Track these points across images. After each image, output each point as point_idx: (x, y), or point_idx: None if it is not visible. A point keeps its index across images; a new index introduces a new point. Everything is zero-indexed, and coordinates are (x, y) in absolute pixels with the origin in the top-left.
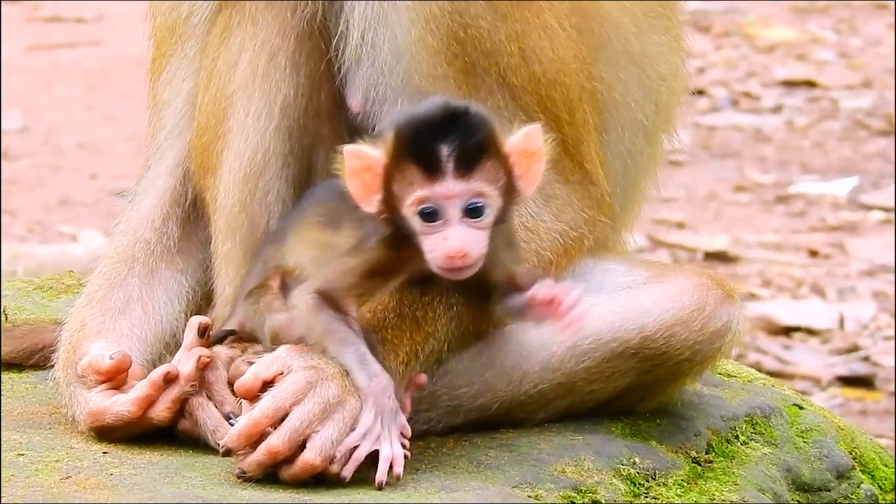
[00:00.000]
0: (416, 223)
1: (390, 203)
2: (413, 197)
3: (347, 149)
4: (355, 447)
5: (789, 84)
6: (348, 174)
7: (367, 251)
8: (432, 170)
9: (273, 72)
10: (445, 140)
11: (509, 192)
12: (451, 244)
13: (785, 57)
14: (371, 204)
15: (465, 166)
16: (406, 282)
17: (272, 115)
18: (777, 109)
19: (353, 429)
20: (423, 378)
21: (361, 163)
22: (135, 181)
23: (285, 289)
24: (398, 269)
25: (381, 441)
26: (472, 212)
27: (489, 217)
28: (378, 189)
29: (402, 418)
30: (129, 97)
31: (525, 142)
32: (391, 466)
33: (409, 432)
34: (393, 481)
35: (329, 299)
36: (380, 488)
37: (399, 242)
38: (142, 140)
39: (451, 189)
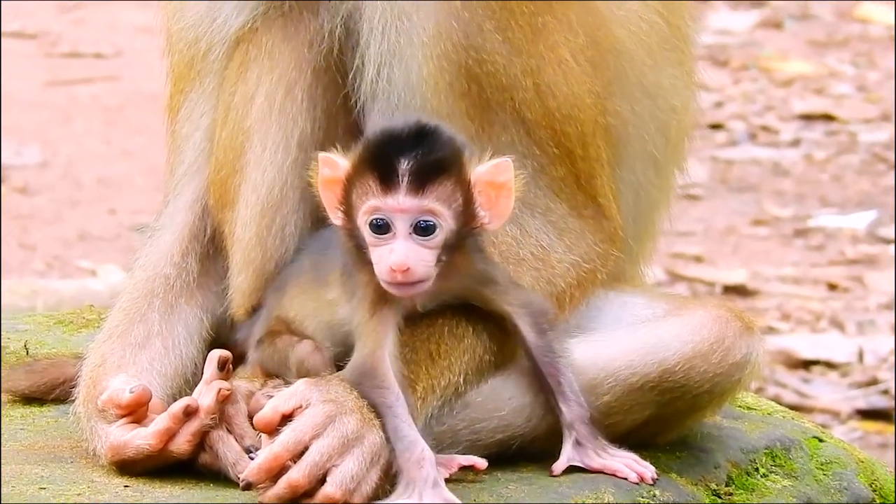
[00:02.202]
0: (367, 234)
1: (349, 213)
2: (366, 206)
3: (321, 156)
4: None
5: (807, 118)
6: (320, 183)
7: (361, 286)
8: (387, 181)
9: (290, 106)
10: (405, 154)
11: (466, 218)
12: (395, 257)
13: (803, 91)
14: (336, 215)
15: (419, 182)
16: (413, 315)
17: (289, 149)
18: (795, 143)
19: (372, 462)
20: (482, 463)
21: (331, 171)
22: (153, 216)
23: (293, 332)
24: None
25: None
26: (423, 230)
27: (438, 237)
28: (340, 198)
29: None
30: (146, 132)
31: (492, 172)
32: None
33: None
34: None
35: (370, 369)
36: None
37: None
38: (160, 175)
39: (401, 203)
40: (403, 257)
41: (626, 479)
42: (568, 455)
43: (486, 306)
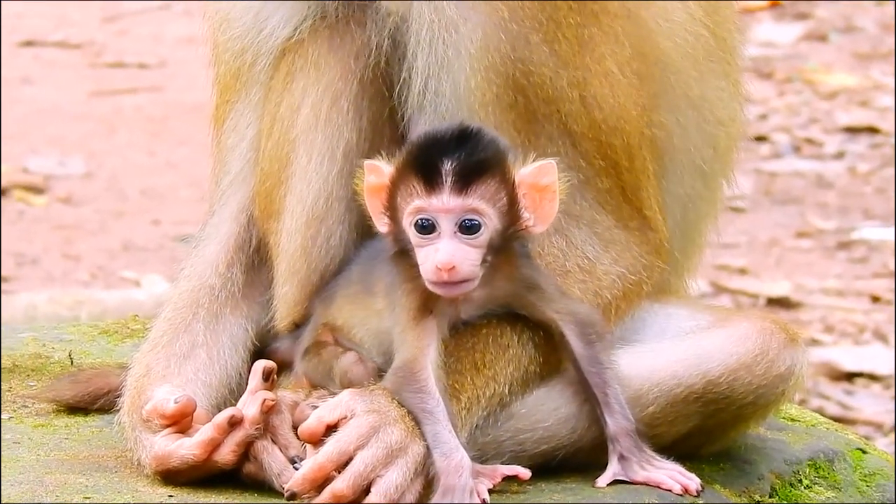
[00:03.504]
0: (412, 235)
1: (394, 216)
2: (411, 207)
3: (366, 163)
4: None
5: (851, 130)
6: (365, 190)
7: (405, 295)
8: (431, 182)
9: (336, 116)
10: (447, 155)
11: (511, 218)
12: (441, 256)
13: (847, 103)
14: (382, 221)
15: (464, 181)
16: (457, 325)
17: (335, 160)
18: (839, 156)
19: (416, 473)
20: (526, 473)
21: (376, 178)
22: (198, 227)
23: (338, 343)
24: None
25: None
26: (467, 228)
27: (483, 236)
28: (385, 203)
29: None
30: (190, 143)
31: (536, 174)
32: None
33: None
34: None
35: (411, 375)
36: None
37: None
38: (203, 186)
39: (446, 202)
40: (449, 256)
41: (670, 490)
42: (613, 469)
43: (531, 314)
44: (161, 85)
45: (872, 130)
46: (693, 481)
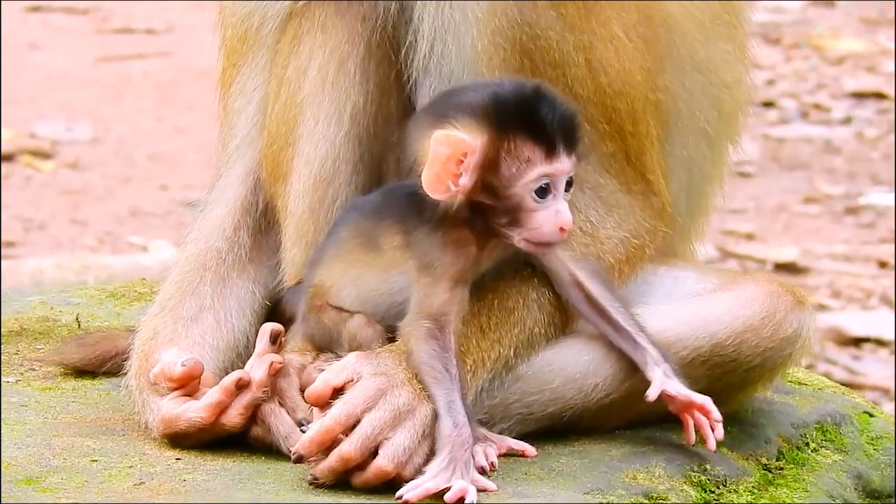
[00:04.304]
0: (527, 201)
1: (488, 185)
2: (534, 173)
3: (437, 136)
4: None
5: (859, 96)
6: (433, 161)
7: (449, 256)
8: (551, 147)
9: (343, 79)
10: (555, 117)
11: None
12: (564, 217)
13: (854, 69)
14: (446, 190)
15: (573, 141)
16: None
17: (342, 123)
18: (847, 121)
19: (424, 435)
20: (532, 451)
21: (453, 148)
22: (205, 191)
23: (331, 305)
24: (473, 246)
25: (453, 478)
26: (568, 185)
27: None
28: (472, 173)
29: (475, 474)
30: (198, 108)
31: None
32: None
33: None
34: None
35: (439, 328)
36: None
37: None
38: (211, 151)
39: (564, 164)
40: (570, 216)
41: (688, 431)
42: (660, 380)
43: (544, 263)
44: (168, 50)
45: (879, 96)
46: (712, 438)
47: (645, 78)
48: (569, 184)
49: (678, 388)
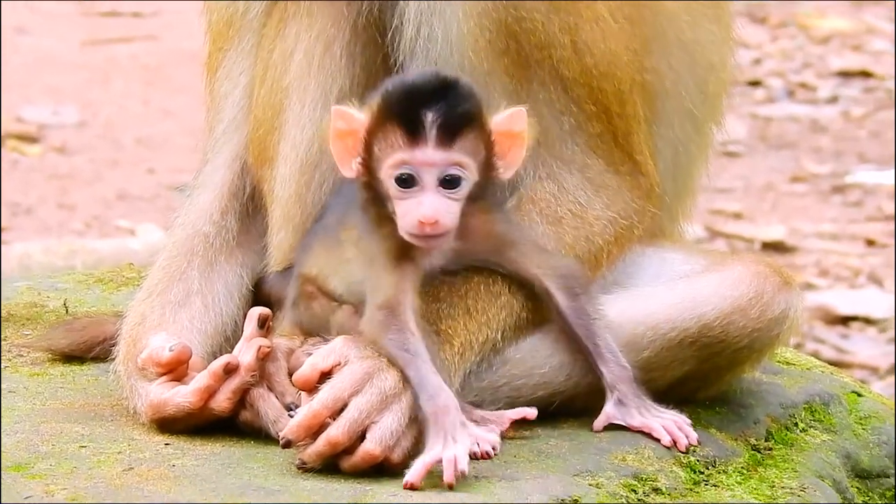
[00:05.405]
0: (391, 187)
1: (369, 166)
2: (392, 159)
3: (334, 109)
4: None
5: (845, 74)
6: (332, 135)
7: (382, 239)
8: (414, 135)
9: (329, 63)
10: (431, 107)
11: (487, 169)
12: (424, 210)
13: (841, 47)
14: (350, 167)
15: (448, 135)
16: (445, 271)
17: (328, 106)
18: (833, 100)
19: (411, 418)
20: (532, 412)
21: (346, 124)
22: (193, 175)
23: (322, 293)
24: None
25: (446, 448)
26: (448, 182)
27: (464, 189)
28: (358, 151)
29: (472, 427)
30: (185, 92)
31: (509, 122)
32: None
33: (490, 441)
34: (460, 477)
35: (391, 315)
36: (450, 489)
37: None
38: (199, 134)
39: (430, 156)
40: (433, 210)
41: (659, 441)
42: (609, 413)
43: (514, 271)
44: (155, 34)
45: (866, 74)
46: (686, 437)
47: (631, 59)
48: (451, 181)
49: (629, 419)
